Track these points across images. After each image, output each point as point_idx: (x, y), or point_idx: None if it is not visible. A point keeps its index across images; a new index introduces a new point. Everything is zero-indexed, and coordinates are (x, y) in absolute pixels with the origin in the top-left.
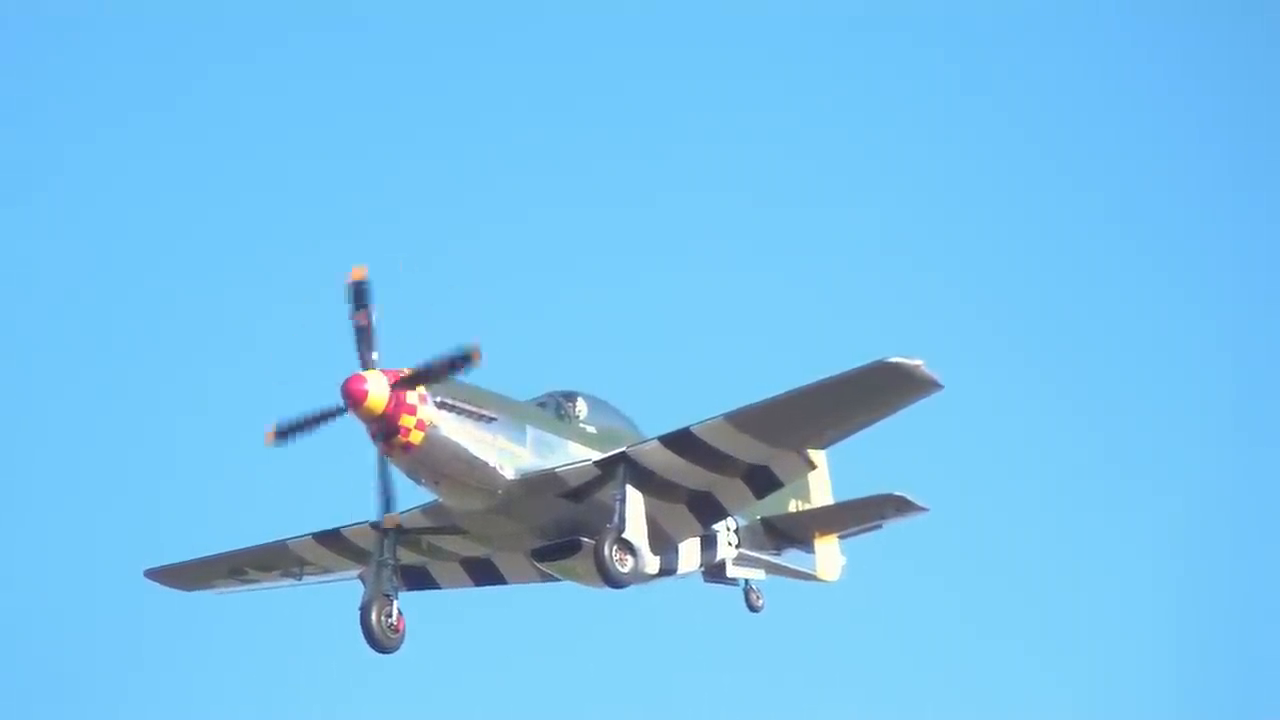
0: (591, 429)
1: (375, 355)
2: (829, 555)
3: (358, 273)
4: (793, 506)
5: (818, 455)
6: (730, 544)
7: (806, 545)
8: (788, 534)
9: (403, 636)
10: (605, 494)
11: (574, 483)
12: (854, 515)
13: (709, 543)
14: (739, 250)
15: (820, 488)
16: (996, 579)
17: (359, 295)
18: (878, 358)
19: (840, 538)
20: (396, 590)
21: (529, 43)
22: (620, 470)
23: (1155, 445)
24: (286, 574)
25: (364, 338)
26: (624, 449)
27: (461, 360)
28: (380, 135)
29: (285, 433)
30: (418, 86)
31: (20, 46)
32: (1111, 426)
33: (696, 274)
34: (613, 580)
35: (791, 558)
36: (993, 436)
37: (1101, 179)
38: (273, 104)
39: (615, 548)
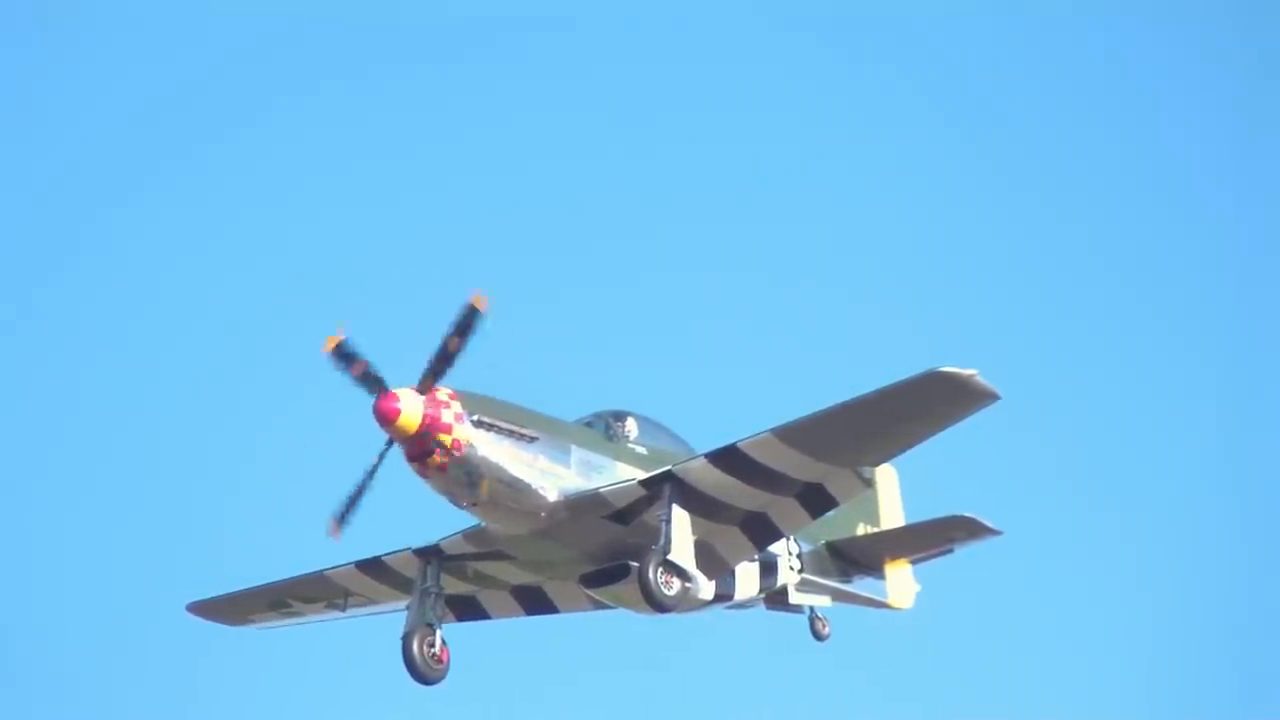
0: (642, 449)
1: (435, 382)
2: (901, 581)
3: (479, 301)
4: (861, 530)
5: (877, 472)
6: (792, 569)
7: (876, 571)
8: (855, 559)
9: (447, 667)
10: (653, 515)
11: (619, 504)
12: (921, 539)
13: (769, 568)
14: (795, 266)
15: (890, 510)
16: (1079, 604)
17: (466, 322)
18: (929, 367)
19: (911, 563)
20: (440, 620)
21: (566, 61)
22: (666, 490)
23: (1230, 453)
24: (330, 605)
25: (440, 362)
26: (669, 467)
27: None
28: (407, 153)
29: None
30: (448, 98)
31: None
32: (1183, 433)
33: (750, 291)
34: (659, 604)
35: (862, 585)
36: (1059, 448)
37: (1142, 180)
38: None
39: (661, 570)
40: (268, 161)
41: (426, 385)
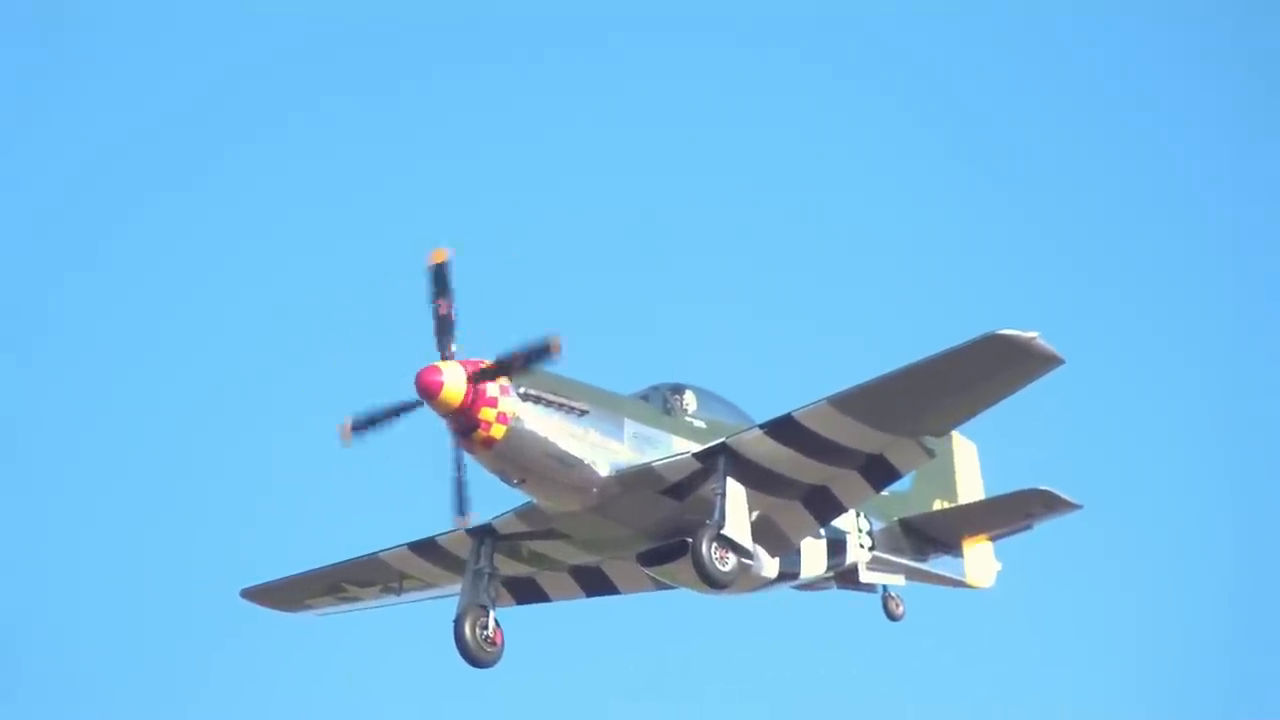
0: (700, 423)
1: (455, 346)
2: (980, 559)
3: (439, 255)
4: (937, 506)
5: (955, 446)
6: (862, 546)
7: (953, 548)
8: (928, 536)
9: (501, 650)
10: (709, 490)
11: (673, 478)
12: (995, 514)
13: (837, 546)
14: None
15: (969, 485)
16: (1170, 584)
17: (440, 280)
18: (987, 330)
19: (991, 539)
20: (495, 601)
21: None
22: (721, 463)
23: None
24: (386, 590)
25: (444, 327)
26: (723, 439)
27: (540, 352)
28: (465, 120)
29: (361, 427)
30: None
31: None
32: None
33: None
34: (713, 581)
35: (939, 563)
36: (1139, 419)
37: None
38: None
39: (715, 545)
40: (300, 161)
41: (479, 377)
